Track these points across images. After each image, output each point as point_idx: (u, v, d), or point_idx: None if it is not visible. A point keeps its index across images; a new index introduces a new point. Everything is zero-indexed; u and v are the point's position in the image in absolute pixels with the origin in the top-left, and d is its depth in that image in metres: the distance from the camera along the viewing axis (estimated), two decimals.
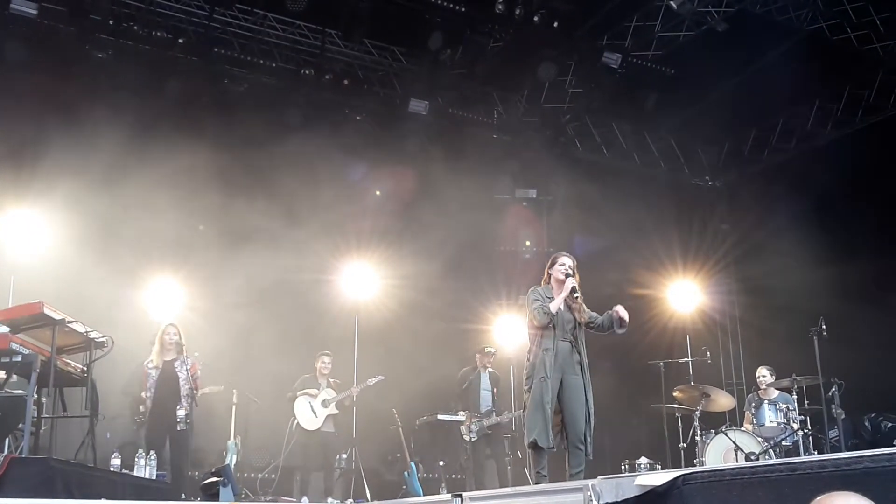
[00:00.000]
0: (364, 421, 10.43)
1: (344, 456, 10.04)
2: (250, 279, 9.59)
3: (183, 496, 7.85)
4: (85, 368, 6.64)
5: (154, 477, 7.38)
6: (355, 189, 11.51)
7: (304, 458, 9.66)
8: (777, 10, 9.97)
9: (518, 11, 9.75)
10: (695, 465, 8.03)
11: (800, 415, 8.25)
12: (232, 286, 9.63)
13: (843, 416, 8.32)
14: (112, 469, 6.99)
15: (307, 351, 9.98)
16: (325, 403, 9.58)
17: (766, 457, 7.76)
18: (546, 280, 6.44)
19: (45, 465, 5.41)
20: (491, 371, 10.29)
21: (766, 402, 8.56)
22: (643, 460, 8.80)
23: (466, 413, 9.93)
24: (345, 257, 10.94)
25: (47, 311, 5.96)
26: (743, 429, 8.43)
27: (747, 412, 8.84)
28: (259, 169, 10.23)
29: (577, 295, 6.26)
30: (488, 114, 12.03)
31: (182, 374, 8.11)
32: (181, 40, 9.84)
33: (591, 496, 3.40)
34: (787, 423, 8.23)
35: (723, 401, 8.79)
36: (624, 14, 10.38)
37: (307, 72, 10.61)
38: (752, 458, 7.71)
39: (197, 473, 8.72)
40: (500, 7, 9.72)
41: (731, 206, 13.23)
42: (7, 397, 6.05)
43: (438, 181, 10.59)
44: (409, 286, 10.82)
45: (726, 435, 8.06)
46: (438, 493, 9.25)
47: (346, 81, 10.75)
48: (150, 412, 8.07)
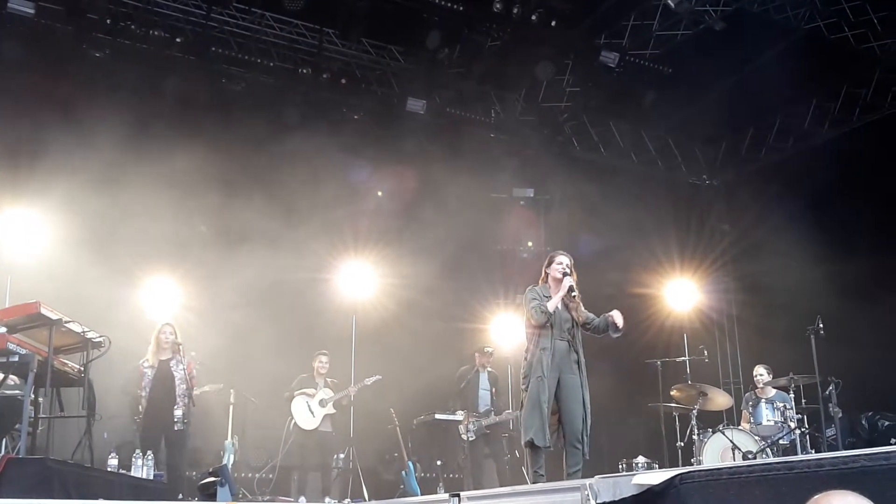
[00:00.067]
0: (361, 420, 10.42)
1: (341, 455, 10.03)
2: (247, 278, 9.54)
3: (180, 496, 7.83)
4: (82, 368, 6.62)
5: (151, 477, 7.37)
6: (353, 188, 11.48)
7: (301, 458, 9.65)
8: (774, 9, 9.98)
9: (516, 10, 9.75)
10: (692, 464, 8.02)
11: (797, 413, 8.28)
12: (229, 285, 9.58)
13: (841, 415, 8.35)
14: (109, 469, 6.96)
15: (305, 351, 9.97)
16: (322, 403, 9.57)
17: (764, 456, 7.77)
18: (544, 279, 6.44)
19: (42, 465, 5.38)
20: (490, 371, 10.29)
21: (763, 400, 8.57)
22: (640, 459, 8.80)
23: (464, 412, 9.93)
24: (342, 256, 10.92)
25: (44, 311, 5.93)
26: (740, 428, 8.45)
27: (744, 411, 8.85)
28: (256, 168, 10.23)
29: (575, 294, 6.26)
30: (486, 113, 12.01)
31: (178, 373, 8.09)
32: (178, 39, 9.82)
33: (588, 495, 3.41)
34: (785, 421, 8.24)
35: (720, 399, 8.81)
36: (621, 13, 10.38)
37: (305, 71, 10.60)
38: (750, 456, 7.71)
39: (194, 473, 8.69)
40: (498, 6, 9.72)
41: (728, 204, 13.22)
42: (4, 397, 6.04)
43: (436, 180, 10.59)
44: (407, 285, 10.81)
45: (724, 434, 8.08)
46: (436, 493, 9.24)
47: (344, 80, 10.75)
48: (145, 412, 8.04)
